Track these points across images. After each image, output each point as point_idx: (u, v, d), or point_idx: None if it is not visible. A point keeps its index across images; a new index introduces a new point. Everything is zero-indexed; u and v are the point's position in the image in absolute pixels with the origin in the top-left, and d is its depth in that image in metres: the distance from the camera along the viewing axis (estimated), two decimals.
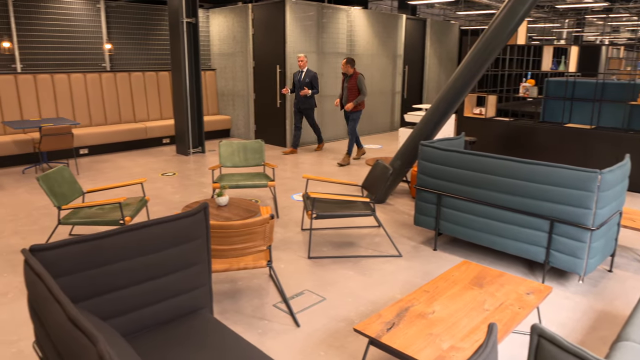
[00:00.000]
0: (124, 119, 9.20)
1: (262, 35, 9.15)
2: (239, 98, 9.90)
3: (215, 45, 10.23)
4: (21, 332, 3.15)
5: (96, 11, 8.85)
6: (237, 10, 9.49)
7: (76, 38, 8.70)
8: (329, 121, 9.84)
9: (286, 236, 4.75)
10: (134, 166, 7.64)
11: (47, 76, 8.26)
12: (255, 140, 5.59)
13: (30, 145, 7.70)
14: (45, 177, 4.05)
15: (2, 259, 4.23)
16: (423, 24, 11.87)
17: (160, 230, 2.21)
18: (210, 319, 2.44)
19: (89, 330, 1.35)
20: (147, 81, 9.41)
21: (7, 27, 7.94)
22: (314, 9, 9.06)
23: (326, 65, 9.51)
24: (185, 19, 8.07)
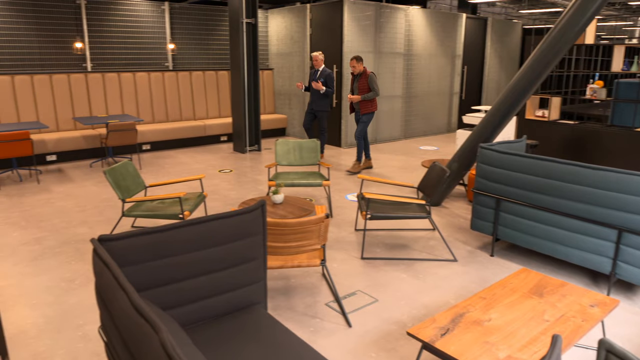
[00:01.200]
0: (185, 117, 9.51)
1: (319, 35, 9.20)
2: (295, 97, 10.00)
3: (273, 45, 10.38)
4: (87, 316, 3.32)
5: (161, 13, 9.19)
6: (296, 10, 9.59)
7: (142, 39, 9.07)
8: (385, 122, 9.77)
9: (339, 236, 4.76)
10: (193, 162, 7.88)
11: (115, 75, 8.66)
12: (311, 139, 5.63)
13: (97, 140, 8.10)
14: (112, 170, 4.25)
15: (71, 248, 4.47)
16: (484, 23, 11.56)
17: (219, 226, 2.27)
18: (265, 314, 2.48)
19: (152, 319, 1.41)
20: (207, 80, 9.68)
21: (79, 28, 8.39)
22: (372, 9, 9.02)
23: (383, 65, 9.44)
24: (245, 20, 8.24)
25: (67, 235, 4.76)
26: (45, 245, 4.54)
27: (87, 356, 2.89)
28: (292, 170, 6.98)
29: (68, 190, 6.33)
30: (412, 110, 10.31)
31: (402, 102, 10.01)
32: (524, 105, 7.63)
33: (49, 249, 4.44)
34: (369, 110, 7.22)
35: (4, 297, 3.58)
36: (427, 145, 9.65)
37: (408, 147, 9.34)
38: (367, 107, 7.20)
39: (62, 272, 3.98)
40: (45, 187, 6.50)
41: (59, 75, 8.13)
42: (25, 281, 3.83)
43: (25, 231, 4.88)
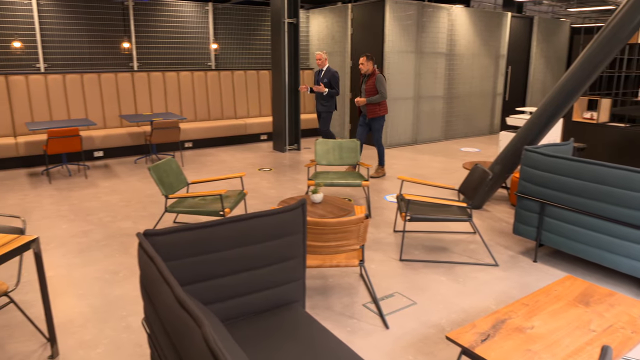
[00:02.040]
0: (226, 115, 9.66)
1: (360, 35, 9.17)
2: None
3: (314, 45, 10.42)
4: (130, 308, 3.42)
5: (204, 13, 9.37)
6: (337, 10, 9.60)
7: (186, 39, 9.27)
8: (426, 122, 9.65)
9: (378, 237, 4.73)
10: (233, 160, 8.00)
11: (159, 74, 8.88)
12: (351, 139, 5.62)
13: (142, 138, 8.33)
14: (156, 167, 4.36)
15: (115, 241, 4.62)
16: (530, 22, 11.25)
17: (260, 223, 2.29)
18: (303, 313, 2.49)
19: (195, 313, 1.43)
20: (248, 79, 9.81)
21: (127, 29, 8.66)
22: (414, 8, 8.93)
23: (424, 65, 9.33)
24: (286, 20, 8.30)
25: (112, 229, 4.92)
26: (92, 238, 4.70)
27: (130, 346, 2.98)
28: (331, 170, 6.98)
29: (113, 185, 6.54)
30: (454, 111, 10.14)
31: (443, 103, 9.86)
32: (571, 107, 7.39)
33: (95, 242, 4.60)
34: (376, 114, 6.65)
35: (54, 286, 3.73)
36: (468, 146, 9.48)
37: (449, 149, 9.19)
38: (375, 111, 6.64)
39: (107, 265, 4.11)
40: (93, 182, 6.73)
41: (107, 74, 8.41)
42: (73, 272, 3.98)
43: (74, 224, 5.07)
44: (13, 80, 7.67)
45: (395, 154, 8.60)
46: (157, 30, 8.96)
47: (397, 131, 9.23)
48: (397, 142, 9.26)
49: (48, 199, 5.93)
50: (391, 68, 8.82)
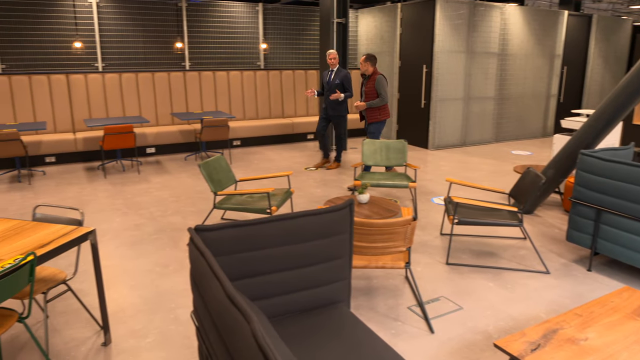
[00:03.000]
0: (274, 114, 9.78)
1: (409, 35, 9.07)
2: None
3: (362, 44, 10.38)
4: (178, 301, 3.52)
5: (255, 13, 9.51)
6: (386, 9, 9.53)
7: (236, 39, 9.44)
8: (476, 124, 9.44)
9: (424, 239, 4.66)
10: (280, 159, 8.09)
11: (210, 73, 9.08)
12: (399, 140, 5.57)
13: (192, 135, 8.55)
14: (206, 164, 4.46)
15: (166, 235, 4.76)
16: (588, 21, 10.80)
17: (307, 222, 2.30)
18: (348, 313, 2.49)
19: (244, 308, 1.46)
20: (296, 79, 9.89)
21: (180, 30, 8.90)
22: (466, 7, 8.74)
23: (475, 65, 9.12)
24: (335, 19, 8.31)
25: (163, 223, 5.07)
26: (144, 231, 4.86)
27: (178, 338, 3.06)
28: (378, 170, 6.94)
29: (164, 181, 6.74)
30: (505, 113, 9.87)
31: (494, 104, 9.61)
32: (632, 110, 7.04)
33: (146, 235, 4.75)
34: (376, 118, 6.20)
35: (107, 277, 3.88)
36: (519, 149, 9.20)
37: (499, 151, 8.96)
38: (375, 115, 6.21)
39: (157, 258, 4.24)
40: (145, 177, 6.96)
41: (160, 73, 8.68)
42: (125, 263, 4.13)
43: (127, 217, 5.26)
44: (73, 79, 8.04)
45: (443, 156, 8.46)
46: (209, 30, 9.16)
47: (446, 132, 9.07)
48: (445, 144, 9.11)
49: (103, 193, 6.17)
50: (440, 68, 8.68)
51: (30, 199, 5.95)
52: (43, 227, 2.86)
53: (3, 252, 2.51)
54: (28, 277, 2.41)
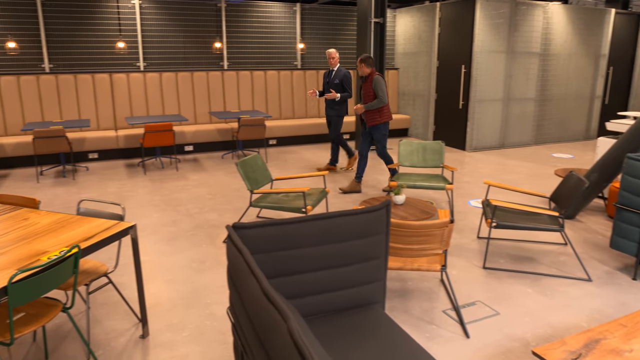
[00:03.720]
0: (310, 114, 9.81)
1: (448, 34, 8.94)
2: (420, 98, 9.84)
3: (400, 44, 10.30)
4: (214, 296, 3.57)
5: (292, 13, 9.56)
6: (425, 9, 9.42)
7: (274, 39, 9.52)
8: (515, 126, 9.22)
9: (461, 242, 4.59)
10: (316, 159, 8.11)
11: (247, 73, 9.19)
12: (436, 141, 5.49)
13: (229, 134, 8.67)
14: (243, 163, 4.51)
15: (202, 232, 4.84)
16: (636, 19, 10.40)
17: (344, 222, 2.30)
18: (382, 314, 2.47)
19: (281, 306, 1.46)
20: None
21: (219, 30, 9.04)
22: (507, 6, 8.56)
23: (516, 65, 8.92)
24: (373, 19, 8.27)
25: (200, 220, 5.16)
26: (181, 227, 4.96)
27: (213, 333, 3.11)
28: (414, 171, 6.87)
29: (202, 178, 6.86)
30: (546, 115, 9.61)
31: (534, 106, 9.38)
32: None
33: (183, 232, 4.84)
34: (376, 121, 5.86)
35: (146, 271, 3.98)
36: (560, 152, 8.94)
37: (539, 154, 8.73)
38: (374, 118, 5.86)
39: (194, 254, 4.32)
40: (183, 174, 7.10)
41: (199, 72, 8.83)
42: (163, 258, 4.22)
43: (165, 213, 5.38)
44: (116, 78, 8.27)
45: (480, 158, 8.30)
46: (247, 30, 9.27)
47: (484, 134, 8.90)
48: (483, 146, 8.94)
49: (142, 189, 6.33)
50: (479, 68, 8.52)
51: (74, 193, 6.16)
52: (87, 221, 2.95)
53: (49, 244, 2.61)
54: (72, 269, 2.49)
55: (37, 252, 2.49)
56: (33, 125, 7.08)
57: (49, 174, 7.22)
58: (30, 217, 3.05)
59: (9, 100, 7.75)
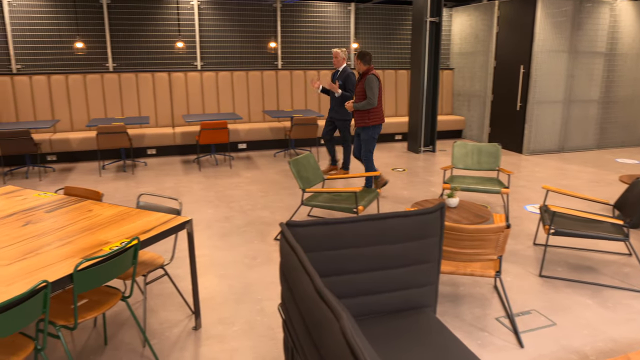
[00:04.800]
0: None
1: (506, 33, 8.67)
2: (475, 99, 9.60)
3: (455, 44, 10.09)
4: (265, 293, 3.63)
5: (347, 13, 9.56)
6: (482, 8, 9.18)
7: (328, 38, 9.55)
8: (576, 129, 8.84)
9: (516, 248, 4.45)
10: None
11: (301, 72, 9.26)
12: (492, 143, 5.34)
13: (282, 133, 8.77)
14: (295, 161, 4.56)
15: (254, 229, 4.92)
16: None
17: (397, 224, 2.28)
18: (434, 318, 2.43)
19: (333, 305, 1.47)
20: (386, 79, 9.82)
21: (274, 29, 9.16)
22: (570, 4, 8.21)
23: (579, 65, 8.54)
24: (428, 18, 8.15)
25: (252, 217, 5.25)
26: (233, 223, 5.06)
27: (263, 328, 3.16)
28: (468, 174, 6.72)
29: (254, 176, 6.98)
30: (610, 117, 9.15)
31: (598, 108, 8.95)
32: None
33: (236, 228, 4.94)
34: (364, 123, 5.56)
35: (199, 265, 4.09)
36: (626, 157, 8.49)
37: (602, 159, 8.33)
38: (363, 119, 5.57)
39: (246, 250, 4.40)
40: (236, 172, 7.25)
41: (254, 72, 8.99)
42: (216, 253, 4.32)
43: (218, 209, 5.51)
44: (174, 77, 8.55)
45: (538, 161, 8.01)
46: (301, 30, 9.35)
47: (542, 137, 8.58)
48: (541, 149, 8.62)
49: (197, 185, 6.51)
50: (539, 69, 8.22)
51: (133, 187, 6.41)
52: (146, 214, 3.06)
53: (111, 235, 2.72)
54: (132, 260, 2.60)
55: (100, 243, 2.61)
56: (97, 122, 7.42)
57: (111, 168, 7.55)
58: (94, 209, 3.20)
59: (75, 97, 8.16)
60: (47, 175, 7.13)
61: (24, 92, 7.94)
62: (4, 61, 7.92)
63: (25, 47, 7.97)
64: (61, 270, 2.29)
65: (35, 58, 8.06)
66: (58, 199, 3.44)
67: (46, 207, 3.23)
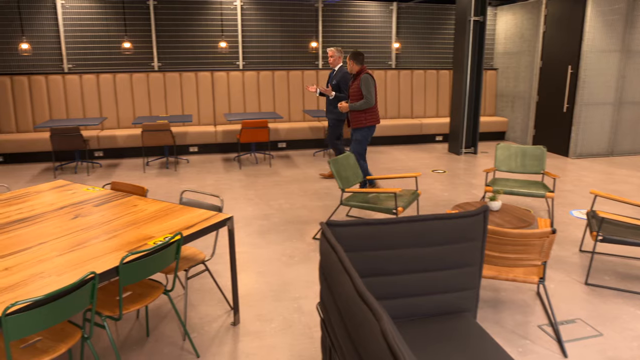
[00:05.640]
0: (402, 114, 9.69)
1: (553, 33, 8.41)
2: (519, 100, 9.36)
3: (500, 43, 9.87)
4: (302, 291, 3.64)
5: (389, 13, 9.49)
6: (529, 6, 8.94)
7: (369, 38, 9.50)
8: (627, 131, 8.48)
9: (560, 255, 4.31)
10: (407, 160, 7.99)
11: None
12: (537, 146, 5.19)
13: (321, 132, 8.79)
14: (335, 161, 4.56)
15: (293, 227, 4.95)
16: None
17: (438, 226, 2.25)
18: (474, 323, 2.39)
19: (374, 306, 1.46)
20: (427, 79, 9.70)
21: (315, 29, 9.18)
22: (623, 1, 7.88)
23: (632, 66, 8.19)
24: (472, 17, 7.99)
25: (290, 216, 5.28)
26: (272, 221, 5.11)
27: (300, 327, 3.17)
28: (511, 177, 6.56)
29: (293, 175, 7.02)
30: None
31: None
32: None
33: (274, 226, 4.99)
34: (361, 123, 5.53)
35: (238, 262, 4.15)
36: None
37: None
38: (360, 119, 5.54)
39: (284, 248, 4.43)
40: (275, 170, 7.31)
41: (295, 71, 9.04)
42: (255, 250, 4.38)
43: (257, 207, 5.57)
44: (217, 76, 8.70)
45: (585, 165, 7.74)
46: (342, 29, 9.34)
47: (590, 140, 8.28)
48: (589, 152, 8.31)
49: (237, 183, 6.60)
50: (588, 69, 7.93)
51: (176, 184, 6.56)
52: (188, 210, 3.13)
53: (155, 230, 2.79)
54: (174, 255, 2.66)
55: (145, 237, 2.69)
56: (142, 119, 7.64)
57: (154, 164, 7.75)
58: (139, 204, 3.29)
59: (122, 96, 8.43)
60: (94, 171, 7.39)
61: (74, 91, 8.25)
62: (56, 61, 8.26)
63: (76, 47, 8.28)
64: (108, 262, 2.36)
65: (85, 58, 8.36)
66: (105, 193, 3.56)
67: (94, 201, 3.35)
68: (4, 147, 7.74)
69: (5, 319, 1.85)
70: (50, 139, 6.84)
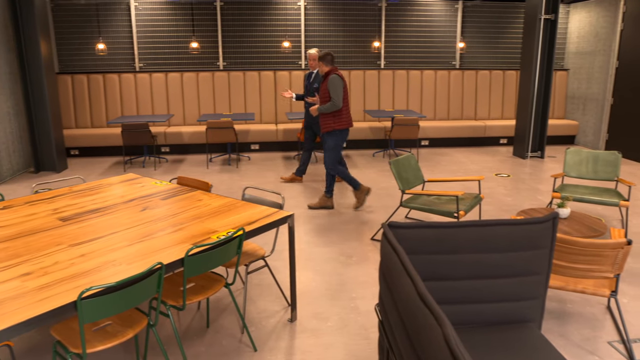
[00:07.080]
0: (465, 116, 9.45)
1: (632, 31, 7.92)
2: (592, 102, 8.89)
3: (572, 43, 9.41)
4: (359, 291, 3.63)
5: (454, 12, 9.27)
6: (605, 3, 8.46)
7: (433, 38, 9.33)
8: None
9: (634, 267, 4.06)
10: (469, 162, 7.79)
11: (404, 72, 9.15)
12: (611, 151, 4.91)
13: (382, 132, 8.72)
14: (396, 162, 4.51)
15: (351, 227, 4.94)
16: None
17: (504, 232, 2.17)
18: (538, 334, 2.29)
19: (436, 311, 1.43)
20: (492, 80, 9.40)
21: (378, 29, 9.13)
22: None
23: None
24: (543, 16, 7.67)
25: (349, 215, 5.28)
26: (331, 220, 5.13)
27: (355, 327, 3.16)
28: (581, 183, 6.24)
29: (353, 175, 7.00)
30: None
31: None
32: None
33: (333, 225, 5.00)
34: (329, 127, 5.12)
35: (297, 259, 4.19)
36: None
37: None
38: (328, 122, 5.13)
39: (342, 248, 4.43)
40: None
41: (357, 71, 9.02)
42: (313, 249, 4.41)
43: None
44: (279, 76, 8.83)
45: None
46: (406, 29, 9.22)
47: None
48: None
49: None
50: None
51: (237, 180, 6.72)
52: (251, 206, 3.20)
53: (219, 224, 2.87)
54: (236, 249, 2.72)
55: (208, 231, 2.77)
56: (207, 117, 7.87)
57: (217, 161, 7.98)
58: (203, 198, 3.40)
59: (188, 94, 8.73)
60: (160, 165, 7.70)
61: (144, 89, 8.63)
62: (129, 60, 8.67)
63: (147, 47, 8.66)
64: (173, 254, 2.45)
65: (155, 57, 8.73)
66: (172, 187, 3.70)
67: (162, 195, 3.49)
68: (80, 141, 8.22)
69: (80, 303, 1.96)
70: (122, 134, 7.20)
